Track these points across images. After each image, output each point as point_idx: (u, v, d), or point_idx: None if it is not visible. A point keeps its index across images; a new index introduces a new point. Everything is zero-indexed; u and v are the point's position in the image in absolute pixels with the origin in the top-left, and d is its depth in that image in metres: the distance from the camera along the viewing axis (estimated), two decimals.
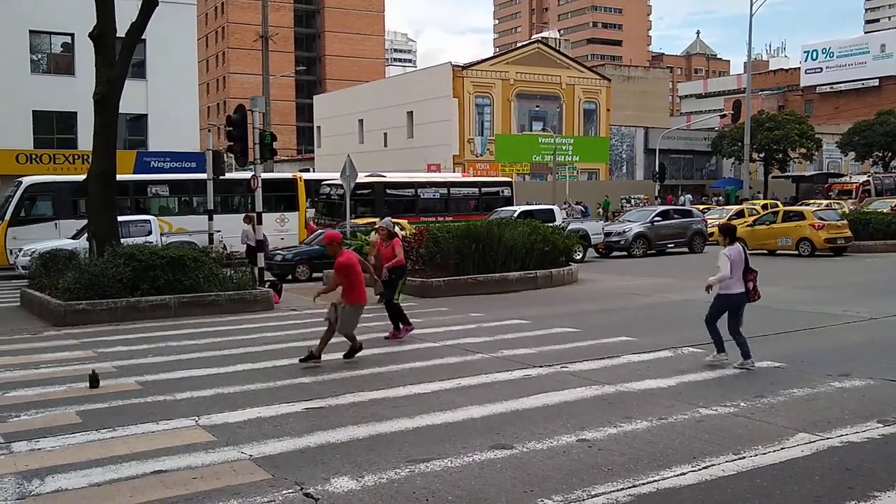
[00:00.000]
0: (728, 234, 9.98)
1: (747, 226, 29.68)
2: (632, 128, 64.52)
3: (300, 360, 10.17)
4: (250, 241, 20.15)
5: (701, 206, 44.87)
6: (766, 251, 27.73)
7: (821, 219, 26.89)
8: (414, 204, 30.82)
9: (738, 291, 9.74)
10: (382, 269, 12.52)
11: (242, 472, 6.15)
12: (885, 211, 32.87)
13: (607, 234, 29.04)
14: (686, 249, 29.59)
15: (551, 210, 28.64)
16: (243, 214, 22.14)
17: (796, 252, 26.77)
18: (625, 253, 28.40)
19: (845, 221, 27.70)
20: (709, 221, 36.59)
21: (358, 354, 10.73)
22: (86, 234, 18.76)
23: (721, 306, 9.86)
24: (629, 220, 30.51)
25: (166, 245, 19.39)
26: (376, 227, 12.87)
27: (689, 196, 57.52)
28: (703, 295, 10.00)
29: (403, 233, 20.33)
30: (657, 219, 29.53)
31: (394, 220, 20.89)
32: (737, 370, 9.46)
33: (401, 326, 12.30)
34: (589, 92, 59.33)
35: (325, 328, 10.54)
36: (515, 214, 25.05)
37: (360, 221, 25.12)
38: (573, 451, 6.52)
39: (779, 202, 46.10)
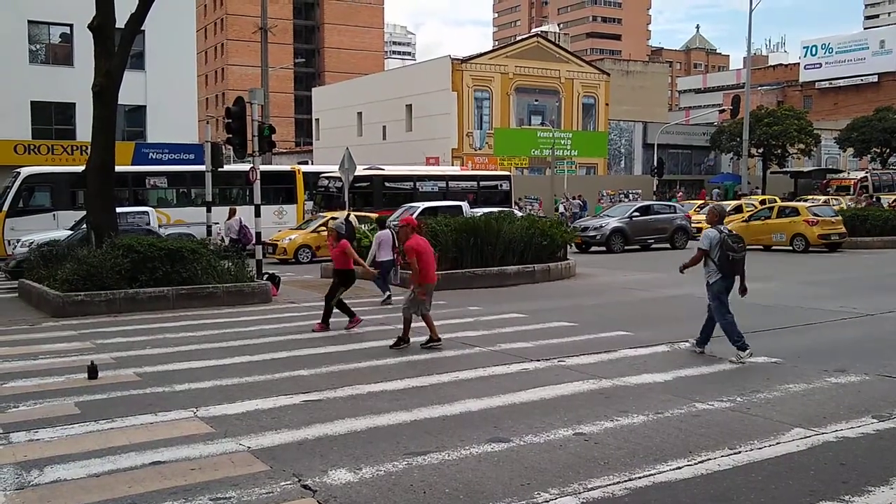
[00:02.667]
0: (380, 223, 16.75)
1: (743, 221, 29.69)
2: (630, 122, 64.45)
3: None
4: (233, 234, 20.28)
5: (699, 202, 44.90)
6: (761, 246, 27.78)
7: (815, 215, 26.94)
8: (412, 197, 30.78)
9: (387, 259, 15.64)
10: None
11: (240, 463, 6.18)
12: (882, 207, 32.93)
13: (584, 230, 28.76)
14: (668, 245, 29.01)
15: (459, 206, 26.95)
16: (228, 208, 22.10)
17: (790, 248, 26.84)
18: (603, 248, 28.19)
19: (839, 217, 27.71)
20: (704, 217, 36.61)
21: (353, 346, 10.81)
22: (83, 226, 18.77)
23: (382, 270, 15.43)
24: (608, 215, 30.26)
25: (164, 236, 19.38)
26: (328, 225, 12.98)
27: (717, 191, 57.41)
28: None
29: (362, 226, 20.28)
30: (636, 214, 29.10)
31: (358, 213, 20.87)
32: (735, 364, 9.51)
33: (329, 320, 12.48)
34: (588, 86, 59.27)
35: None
36: (418, 212, 24.12)
37: (328, 214, 25.24)
38: (570, 445, 6.55)
39: (777, 198, 46.17)
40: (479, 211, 24.88)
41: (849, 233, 27.89)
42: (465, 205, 27.48)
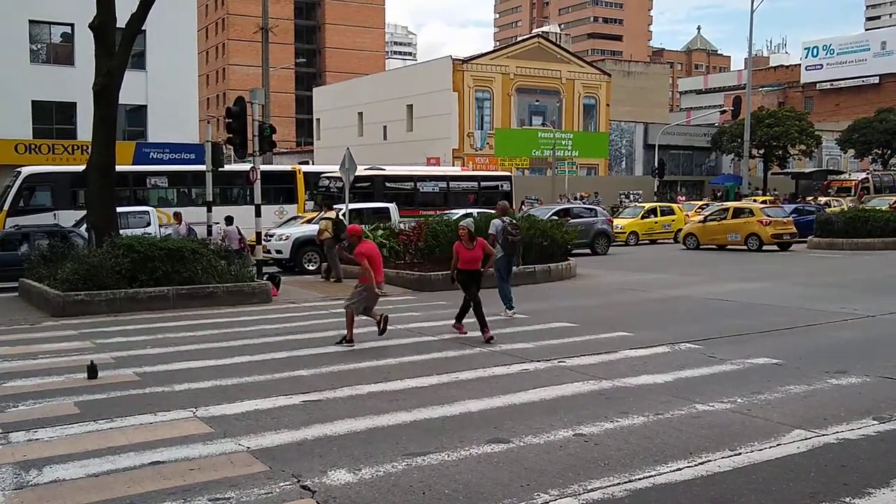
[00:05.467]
0: (227, 220, 20.05)
1: (699, 222, 30.33)
2: (631, 123, 64.46)
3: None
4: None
5: (699, 202, 44.92)
6: (715, 245, 28.94)
7: (768, 216, 28.29)
8: (413, 197, 30.76)
9: (237, 248, 18.87)
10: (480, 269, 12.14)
11: (240, 463, 6.17)
12: (883, 209, 32.92)
13: None
14: (588, 251, 27.55)
15: (387, 208, 25.15)
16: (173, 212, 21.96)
17: (745, 247, 27.97)
18: None
19: (790, 218, 29.19)
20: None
21: (355, 346, 10.85)
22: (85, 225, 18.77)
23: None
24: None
25: (165, 236, 19.37)
26: (460, 227, 12.47)
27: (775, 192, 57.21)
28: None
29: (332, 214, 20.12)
30: (554, 218, 26.09)
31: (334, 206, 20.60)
32: (735, 366, 9.49)
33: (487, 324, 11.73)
34: (589, 87, 59.28)
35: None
36: (341, 213, 22.41)
37: (307, 215, 24.45)
38: (570, 446, 6.54)
39: (778, 198, 46.18)
40: (459, 212, 24.68)
41: (850, 234, 28.11)
42: (392, 206, 25.63)
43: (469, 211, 25.23)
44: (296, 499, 5.47)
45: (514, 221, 14.42)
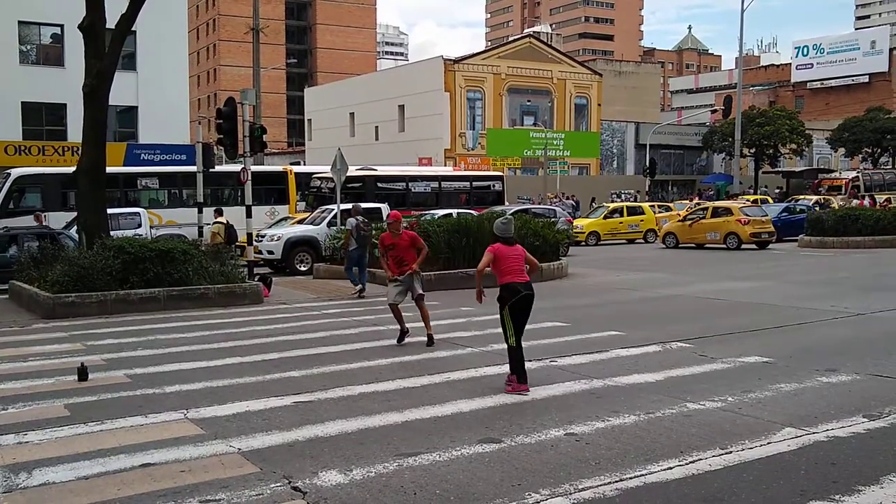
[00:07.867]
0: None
1: (679, 221, 30.63)
2: (623, 123, 64.59)
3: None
4: None
5: (689, 201, 45.02)
6: (694, 244, 29.32)
7: (746, 215, 28.72)
8: (405, 197, 30.76)
9: None
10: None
11: (231, 465, 6.15)
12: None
13: None
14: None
15: (379, 209, 24.44)
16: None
17: (724, 245, 28.42)
18: None
19: (768, 217, 29.50)
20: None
21: (345, 348, 10.82)
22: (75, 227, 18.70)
23: None
24: None
25: (156, 238, 19.31)
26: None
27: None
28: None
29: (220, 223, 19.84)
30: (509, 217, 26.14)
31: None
32: (726, 365, 9.51)
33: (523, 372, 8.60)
34: (580, 87, 59.35)
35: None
36: (332, 214, 22.75)
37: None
38: (561, 445, 6.54)
39: (769, 197, 46.33)
40: (440, 212, 24.45)
41: (840, 232, 28.22)
42: (384, 207, 24.91)
43: (450, 211, 25.17)
44: (287, 500, 5.46)
45: (366, 220, 17.28)
